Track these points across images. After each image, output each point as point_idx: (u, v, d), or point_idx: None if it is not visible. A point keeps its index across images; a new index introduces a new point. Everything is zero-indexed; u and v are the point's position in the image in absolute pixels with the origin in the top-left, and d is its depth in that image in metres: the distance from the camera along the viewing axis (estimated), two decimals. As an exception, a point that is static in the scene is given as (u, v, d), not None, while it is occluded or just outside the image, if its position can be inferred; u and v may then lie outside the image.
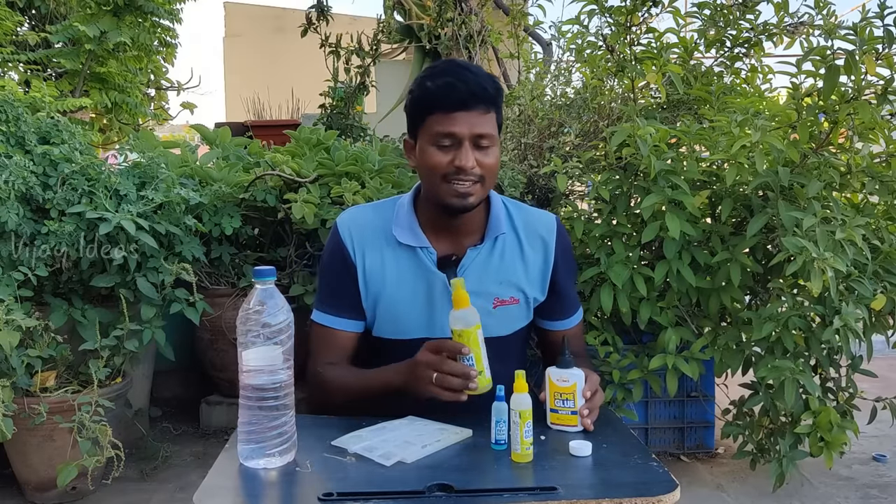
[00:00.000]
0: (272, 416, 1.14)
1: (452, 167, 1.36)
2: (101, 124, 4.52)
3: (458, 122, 1.35)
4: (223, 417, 3.08)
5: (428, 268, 1.44)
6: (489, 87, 1.37)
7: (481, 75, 1.39)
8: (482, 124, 1.36)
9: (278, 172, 2.69)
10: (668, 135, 2.28)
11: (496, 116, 1.40)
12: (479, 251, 1.46)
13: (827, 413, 2.16)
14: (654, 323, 2.38)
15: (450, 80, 1.36)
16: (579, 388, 1.30)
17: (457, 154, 1.36)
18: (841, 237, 1.95)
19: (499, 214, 1.48)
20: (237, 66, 10.00)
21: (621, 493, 1.04)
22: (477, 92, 1.35)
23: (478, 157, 1.37)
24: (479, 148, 1.37)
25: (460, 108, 1.35)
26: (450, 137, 1.36)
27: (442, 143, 1.37)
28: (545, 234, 1.51)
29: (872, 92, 2.12)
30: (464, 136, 1.35)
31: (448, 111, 1.35)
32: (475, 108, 1.36)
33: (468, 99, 1.35)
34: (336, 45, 3.89)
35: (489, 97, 1.37)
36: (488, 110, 1.37)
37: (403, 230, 1.46)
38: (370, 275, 1.46)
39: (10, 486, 2.48)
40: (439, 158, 1.37)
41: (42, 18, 4.32)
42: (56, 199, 2.32)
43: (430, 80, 1.39)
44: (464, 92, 1.34)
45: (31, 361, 2.20)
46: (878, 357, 2.47)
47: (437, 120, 1.36)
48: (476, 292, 1.41)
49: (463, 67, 1.40)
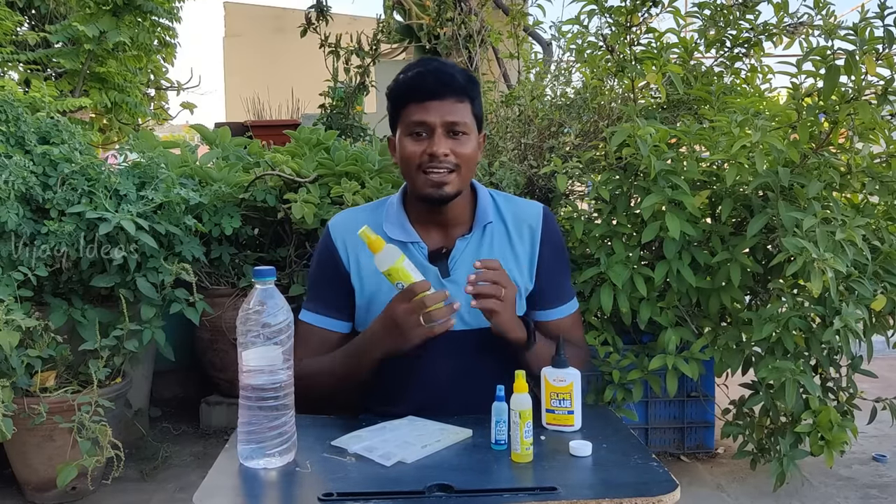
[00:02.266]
0: (272, 416, 1.14)
1: (426, 156, 1.39)
2: (100, 124, 4.51)
3: (430, 110, 1.39)
4: (223, 417, 3.08)
5: (419, 262, 1.45)
6: (459, 77, 1.41)
7: (452, 66, 1.43)
8: (454, 112, 1.40)
9: (278, 172, 2.69)
10: (668, 135, 2.28)
11: (471, 107, 1.43)
12: (468, 241, 1.48)
13: (827, 412, 2.16)
14: (654, 323, 2.38)
15: (420, 70, 1.41)
16: (576, 387, 1.29)
17: (430, 143, 1.39)
18: (841, 237, 1.95)
19: (485, 204, 1.50)
20: (237, 66, 10.01)
21: (621, 493, 1.04)
22: (447, 81, 1.39)
23: (452, 145, 1.40)
24: (453, 136, 1.40)
25: (431, 97, 1.39)
26: (422, 126, 1.40)
27: (416, 131, 1.40)
28: (532, 222, 1.52)
29: (872, 92, 2.11)
30: (435, 125, 1.39)
31: (420, 101, 1.39)
32: (447, 97, 1.39)
33: (438, 88, 1.39)
34: (336, 45, 3.89)
35: (459, 86, 1.40)
36: (461, 100, 1.41)
37: (394, 227, 1.47)
38: (366, 275, 1.47)
39: (10, 486, 2.48)
40: (413, 148, 1.40)
41: (42, 18, 4.32)
42: (56, 199, 2.32)
43: (403, 73, 1.44)
44: (433, 81, 1.39)
45: (31, 361, 2.20)
46: (878, 357, 2.47)
47: (410, 111, 1.41)
48: None
49: (435, 61, 1.45)
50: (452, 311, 1.30)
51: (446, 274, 1.45)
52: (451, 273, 1.45)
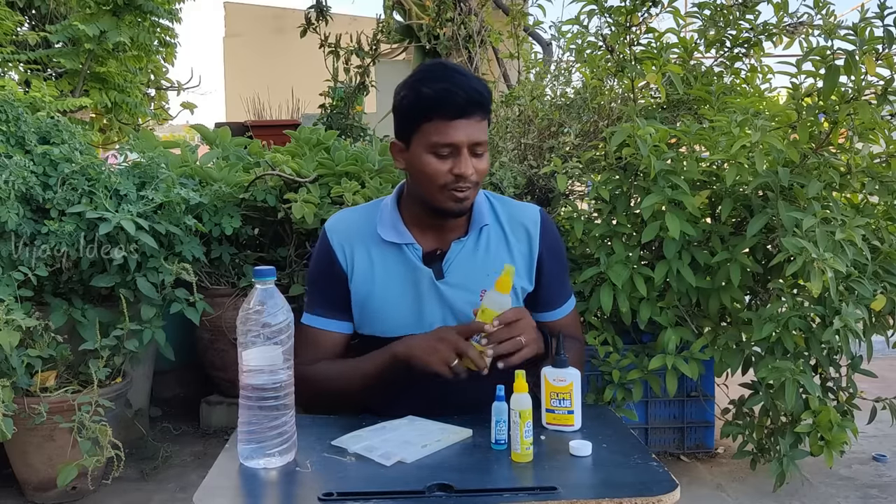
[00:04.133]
0: (272, 416, 1.14)
1: (451, 176, 1.36)
2: (101, 124, 4.52)
3: (458, 130, 1.34)
4: (223, 417, 3.08)
5: (414, 264, 1.45)
6: (485, 93, 1.37)
7: (475, 80, 1.39)
8: (479, 132, 1.37)
9: (278, 172, 2.69)
10: (667, 135, 2.28)
11: (488, 119, 1.41)
12: (464, 244, 1.47)
13: (827, 412, 2.16)
14: (654, 323, 2.38)
15: (447, 86, 1.34)
16: (576, 387, 1.29)
17: (455, 163, 1.36)
18: (841, 237, 1.95)
19: (481, 207, 1.50)
20: (237, 66, 10.02)
21: (621, 493, 1.04)
22: (475, 99, 1.35)
23: (475, 162, 1.38)
24: (476, 154, 1.38)
25: (459, 115, 1.34)
26: (449, 147, 1.35)
27: (441, 152, 1.36)
28: (529, 224, 1.51)
29: (872, 92, 2.12)
30: (462, 145, 1.35)
31: (447, 119, 1.34)
32: (473, 115, 1.35)
33: (467, 107, 1.34)
34: (335, 46, 3.90)
35: (485, 103, 1.37)
36: (484, 117, 1.38)
37: (387, 229, 1.47)
38: (360, 274, 1.47)
39: (10, 485, 2.48)
40: (438, 167, 1.36)
41: (42, 18, 4.33)
42: (56, 199, 2.32)
43: (425, 85, 1.36)
44: (463, 100, 1.33)
45: (31, 361, 2.20)
46: (878, 357, 2.47)
47: (435, 128, 1.35)
48: (462, 285, 1.43)
49: (457, 72, 1.38)
50: (484, 363, 1.29)
51: (440, 276, 1.45)
52: (445, 275, 1.45)
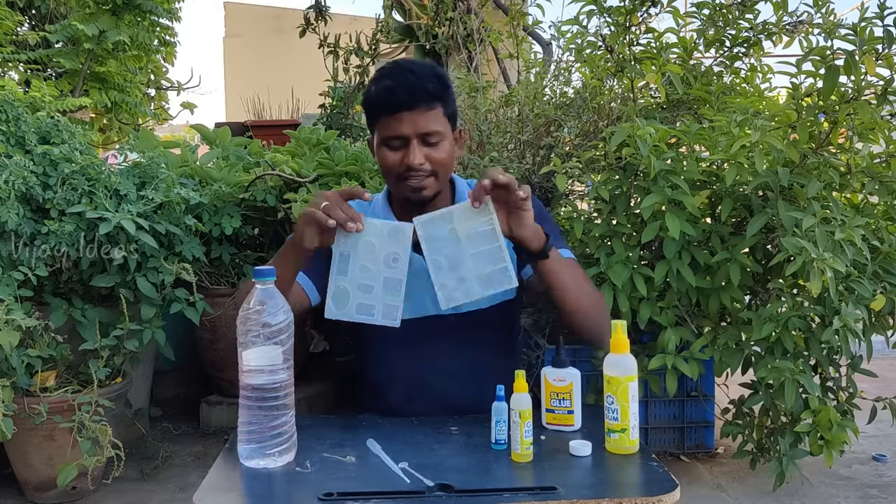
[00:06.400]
0: (272, 416, 1.14)
1: (403, 166, 1.42)
2: (101, 124, 4.52)
3: (403, 123, 1.41)
4: (223, 417, 3.08)
5: None
6: (429, 85, 1.41)
7: (422, 73, 1.42)
8: (427, 122, 1.41)
9: (278, 172, 2.69)
10: (667, 135, 2.28)
11: (443, 110, 1.44)
12: None
13: (827, 412, 2.16)
14: (654, 323, 2.38)
15: (389, 83, 1.41)
16: (576, 387, 1.30)
17: (406, 153, 1.42)
18: (840, 237, 1.95)
19: (464, 192, 1.54)
20: (237, 66, 10.02)
21: (621, 493, 1.04)
22: (416, 91, 1.40)
23: (427, 152, 1.42)
24: (428, 144, 1.42)
25: (402, 108, 1.40)
26: (397, 139, 1.42)
27: (392, 144, 1.43)
28: None
29: (872, 92, 2.12)
30: (410, 136, 1.41)
31: (391, 113, 1.41)
32: (417, 106, 1.40)
33: (408, 100, 1.40)
34: (335, 45, 3.90)
35: (429, 94, 1.41)
36: (431, 107, 1.42)
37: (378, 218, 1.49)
38: None
39: (10, 485, 2.48)
40: (391, 158, 1.44)
41: (42, 18, 4.32)
42: (56, 198, 2.32)
43: (374, 84, 1.46)
44: (402, 94, 1.40)
45: (31, 361, 2.20)
46: (877, 357, 2.47)
47: (384, 123, 1.43)
48: None
49: (405, 69, 1.44)
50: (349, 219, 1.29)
51: None
52: None
